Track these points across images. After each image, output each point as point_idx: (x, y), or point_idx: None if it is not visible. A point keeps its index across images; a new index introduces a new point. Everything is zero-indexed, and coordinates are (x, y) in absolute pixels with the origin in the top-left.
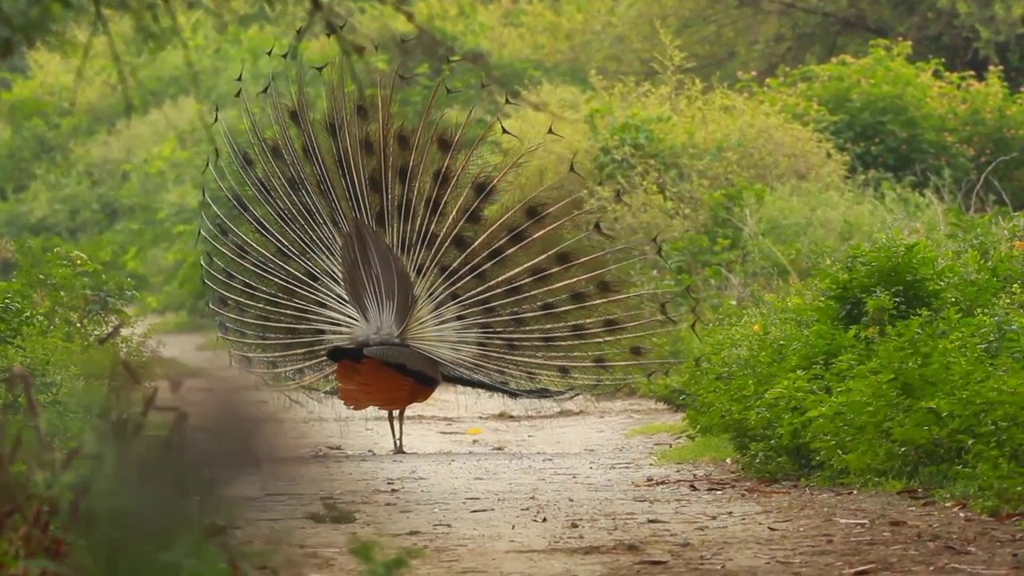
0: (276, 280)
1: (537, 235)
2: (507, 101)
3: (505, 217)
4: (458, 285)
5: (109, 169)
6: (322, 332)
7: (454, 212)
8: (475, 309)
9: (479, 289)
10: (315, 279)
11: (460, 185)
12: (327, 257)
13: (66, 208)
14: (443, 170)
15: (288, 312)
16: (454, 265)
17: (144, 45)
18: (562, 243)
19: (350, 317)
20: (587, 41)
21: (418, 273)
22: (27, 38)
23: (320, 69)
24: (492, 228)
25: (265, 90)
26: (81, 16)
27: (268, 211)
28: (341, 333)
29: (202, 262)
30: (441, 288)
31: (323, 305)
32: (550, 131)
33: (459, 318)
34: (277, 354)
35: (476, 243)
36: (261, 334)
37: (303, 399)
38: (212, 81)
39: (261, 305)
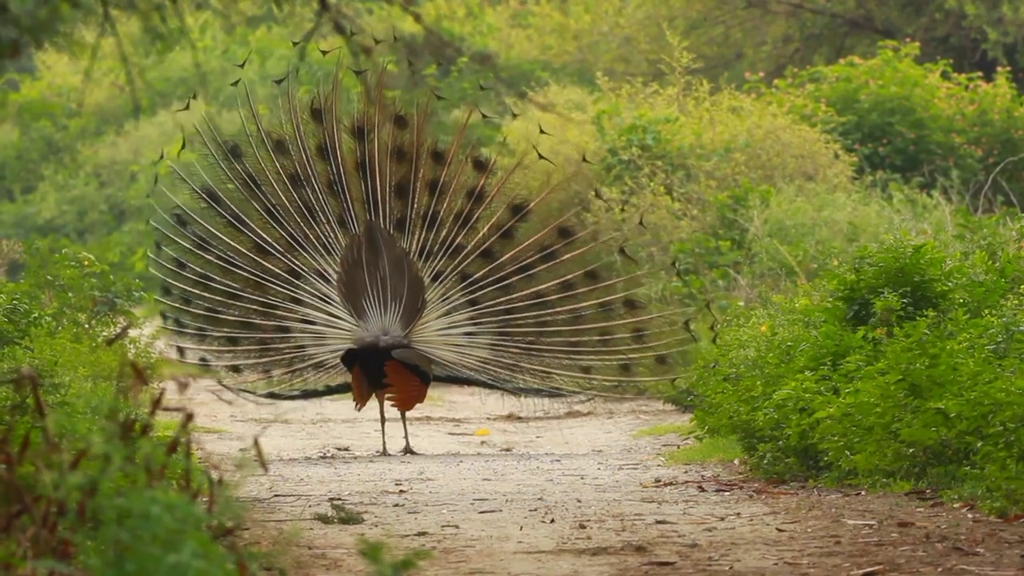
0: (245, 275)
1: (567, 256)
2: (514, 116)
3: (536, 236)
4: (478, 294)
5: (117, 170)
6: (288, 330)
7: (486, 228)
8: (492, 317)
9: (502, 299)
10: (297, 276)
11: (495, 203)
12: (320, 256)
13: (74, 209)
14: (478, 189)
15: (257, 309)
16: (477, 275)
17: (152, 46)
18: (591, 263)
19: (335, 316)
20: (595, 42)
21: (434, 279)
22: (35, 39)
23: (359, 73)
24: (522, 245)
25: (280, 82)
26: (89, 17)
27: (254, 206)
28: (325, 334)
29: (151, 254)
30: (458, 295)
31: (299, 302)
32: (541, 131)
33: (473, 322)
34: (241, 350)
35: (504, 257)
36: (224, 332)
37: (258, 398)
38: (220, 82)
39: (219, 298)
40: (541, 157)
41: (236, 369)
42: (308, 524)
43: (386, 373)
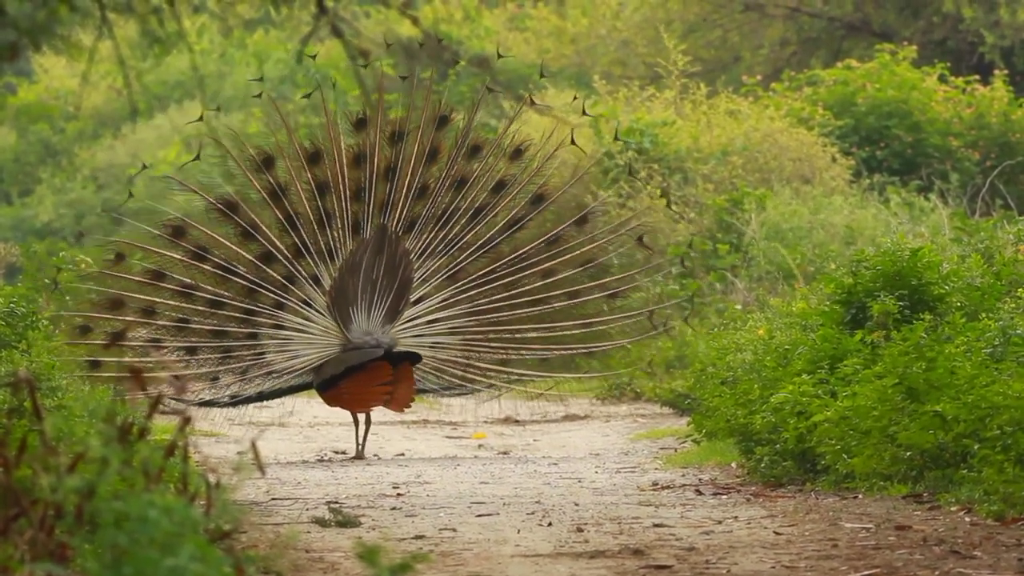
0: (241, 284)
1: (583, 251)
2: (575, 112)
3: (558, 229)
4: (470, 292)
5: (114, 173)
6: (259, 336)
7: (502, 223)
8: (476, 315)
9: (497, 297)
10: (292, 281)
11: (521, 194)
12: (322, 261)
13: (71, 212)
14: (512, 179)
15: (236, 316)
16: (474, 271)
17: (149, 49)
18: (600, 254)
19: (314, 321)
20: (592, 46)
21: (424, 281)
22: (33, 42)
23: (404, 79)
24: (536, 239)
25: (308, 96)
26: (87, 20)
27: (276, 214)
28: (294, 339)
29: (66, 266)
30: (445, 293)
31: (282, 307)
32: (584, 112)
33: (453, 320)
34: (199, 359)
35: (515, 251)
36: (190, 342)
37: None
38: (217, 85)
39: (200, 307)
40: (573, 143)
41: (177, 377)
42: (305, 527)
43: (401, 375)
